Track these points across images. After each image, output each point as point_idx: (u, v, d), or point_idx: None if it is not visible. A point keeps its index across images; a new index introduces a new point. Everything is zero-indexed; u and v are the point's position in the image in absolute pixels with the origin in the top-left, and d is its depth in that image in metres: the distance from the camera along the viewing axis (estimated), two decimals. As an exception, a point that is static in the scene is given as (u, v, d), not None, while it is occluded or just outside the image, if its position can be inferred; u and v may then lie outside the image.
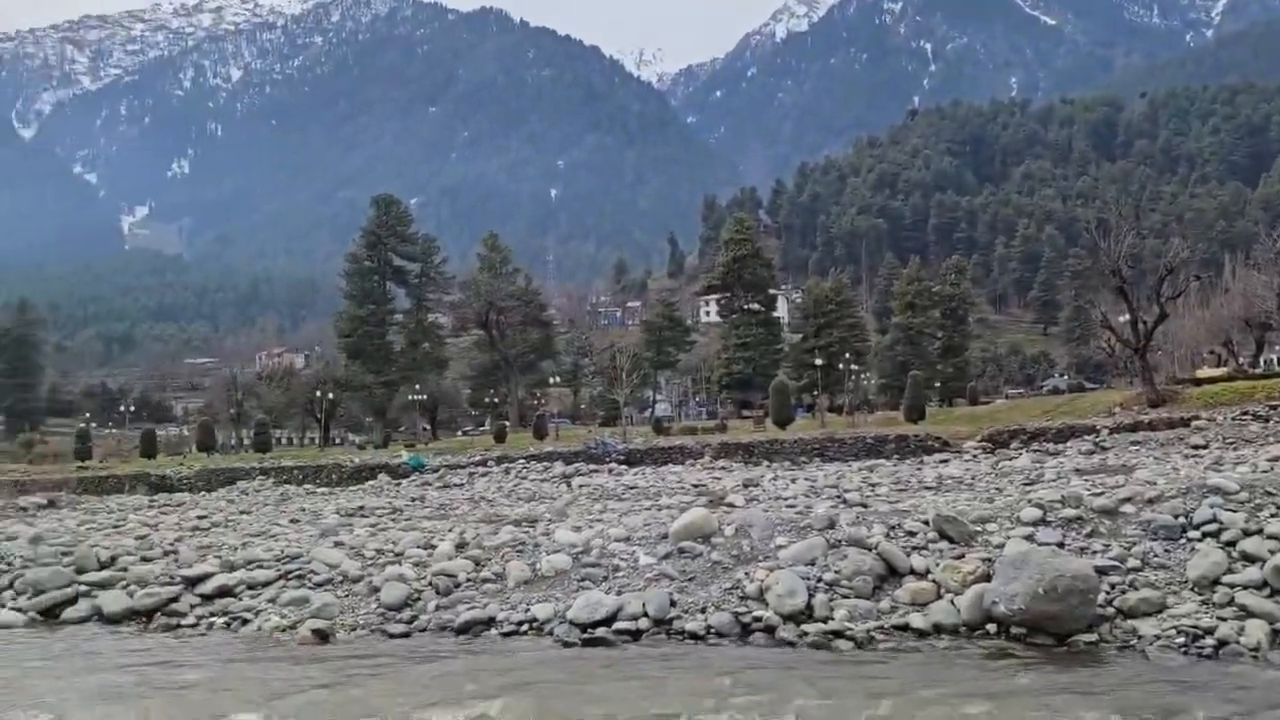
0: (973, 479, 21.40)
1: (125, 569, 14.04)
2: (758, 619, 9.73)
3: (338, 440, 68.31)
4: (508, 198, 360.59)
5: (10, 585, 13.74)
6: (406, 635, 10.50)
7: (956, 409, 54.62)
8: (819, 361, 58.19)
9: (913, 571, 10.41)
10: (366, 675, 8.79)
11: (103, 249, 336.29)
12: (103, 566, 14.23)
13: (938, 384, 69.73)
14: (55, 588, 13.28)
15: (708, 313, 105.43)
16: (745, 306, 70.66)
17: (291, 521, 20.04)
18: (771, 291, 75.77)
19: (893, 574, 10.40)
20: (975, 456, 29.02)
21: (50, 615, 12.77)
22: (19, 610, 12.89)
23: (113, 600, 12.67)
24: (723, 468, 30.81)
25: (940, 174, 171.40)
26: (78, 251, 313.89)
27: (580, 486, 26.14)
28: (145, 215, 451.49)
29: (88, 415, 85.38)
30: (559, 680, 8.24)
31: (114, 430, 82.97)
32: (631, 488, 24.72)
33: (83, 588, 13.35)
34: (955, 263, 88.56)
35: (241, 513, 23.66)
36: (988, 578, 9.72)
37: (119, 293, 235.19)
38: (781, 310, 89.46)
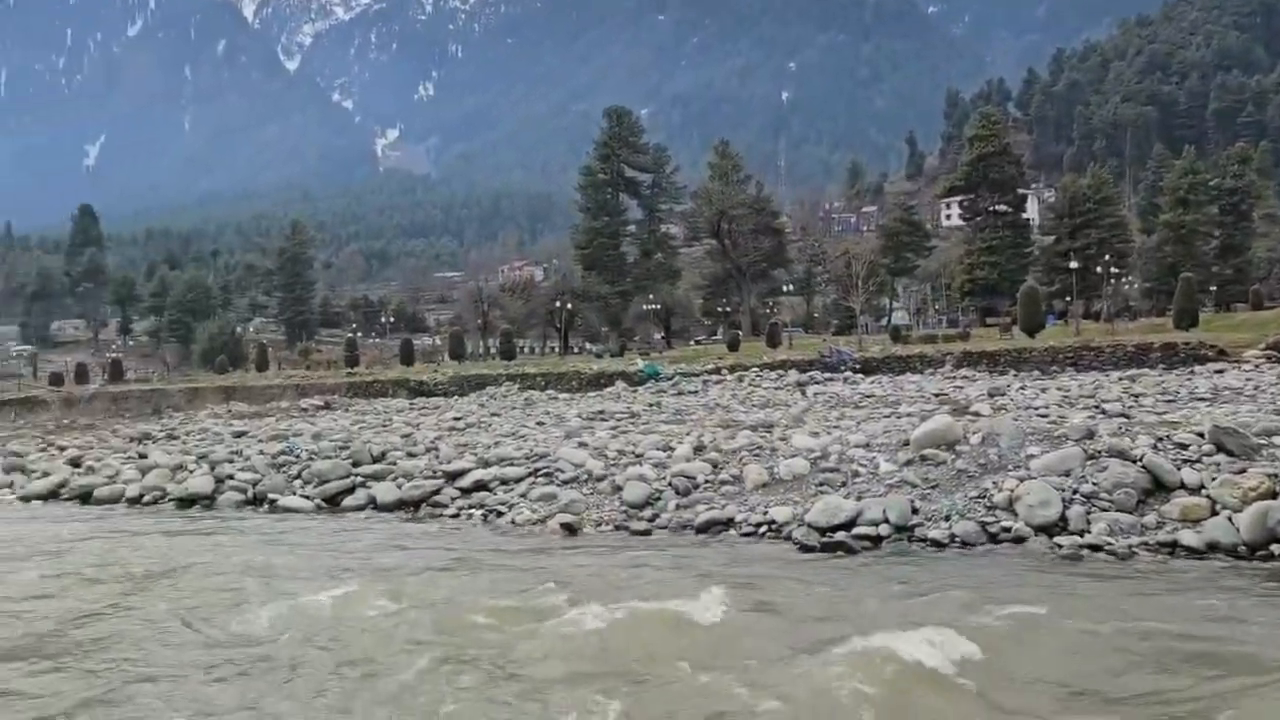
0: (1255, 390, 19.50)
1: (394, 463, 15.44)
2: (1006, 529, 9.41)
3: (576, 349, 71.16)
4: (738, 103, 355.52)
5: (299, 475, 15.46)
6: (648, 532, 10.95)
7: (1237, 314, 49.44)
8: (1074, 265, 54.14)
9: (1183, 486, 9.70)
10: (614, 566, 9.25)
11: (360, 171, 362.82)
12: (375, 461, 15.72)
13: (1213, 288, 63.30)
14: (336, 478, 14.82)
15: (949, 216, 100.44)
16: (991, 208, 66.71)
17: (538, 424, 21.18)
18: (1020, 191, 71.05)
19: (1159, 488, 9.73)
20: (1258, 366, 26.33)
21: (333, 503, 14.29)
22: (307, 498, 14.50)
23: (385, 491, 14.00)
24: (965, 377, 29.64)
25: (1223, 51, 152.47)
26: (338, 175, 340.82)
27: (815, 395, 25.99)
28: (396, 137, 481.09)
29: (354, 326, 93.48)
30: (798, 579, 8.34)
31: (376, 340, 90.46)
32: (868, 396, 24.33)
33: (358, 479, 14.82)
34: (1239, 151, 79.13)
35: (492, 415, 25.24)
36: (1274, 495, 8.89)
37: (375, 212, 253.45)
38: (1031, 211, 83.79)
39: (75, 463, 19.34)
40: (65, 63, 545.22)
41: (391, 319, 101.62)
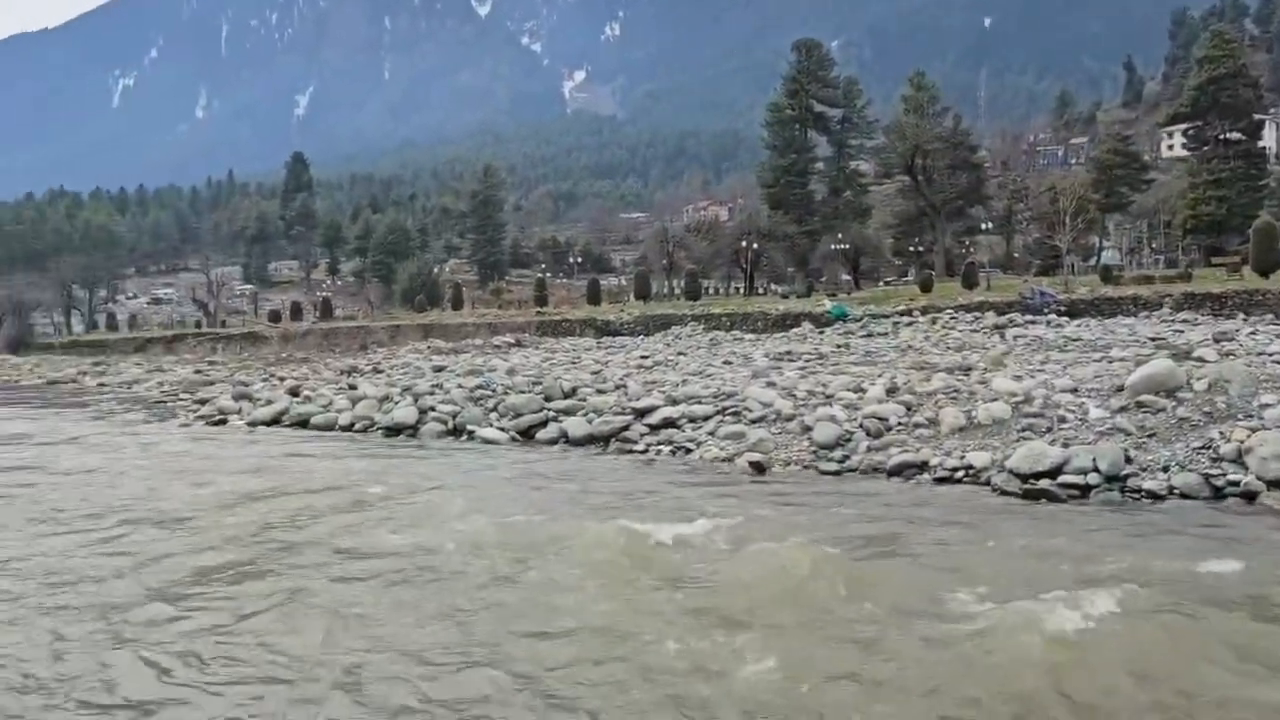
0: None
1: (584, 399, 15.88)
2: (1234, 483, 8.73)
3: (761, 290, 70.59)
4: (935, 32, 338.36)
5: (495, 409, 16.15)
6: (838, 473, 10.82)
7: None
8: (1318, 198, 48.95)
9: None
10: (803, 504, 9.21)
11: (548, 113, 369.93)
12: (566, 396, 16.22)
13: None
14: (530, 412, 15.40)
15: (1170, 147, 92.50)
16: (1221, 136, 60.83)
17: (724, 363, 21.23)
18: (1256, 117, 64.36)
19: None
20: None
21: (526, 435, 14.87)
22: (502, 430, 15.14)
23: (576, 426, 14.43)
24: (1185, 321, 27.50)
25: None
26: (528, 117, 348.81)
27: (1015, 338, 24.79)
28: (583, 79, 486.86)
29: (543, 266, 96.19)
30: (999, 525, 8.04)
31: (564, 280, 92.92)
32: (1074, 340, 23.00)
33: (550, 413, 15.34)
34: None
35: (678, 354, 25.47)
36: None
37: (563, 153, 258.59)
38: (1268, 139, 75.91)
39: (294, 392, 20.96)
40: (278, 18, 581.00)
41: (579, 259, 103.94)
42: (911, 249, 69.70)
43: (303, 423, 17.57)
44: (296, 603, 6.40)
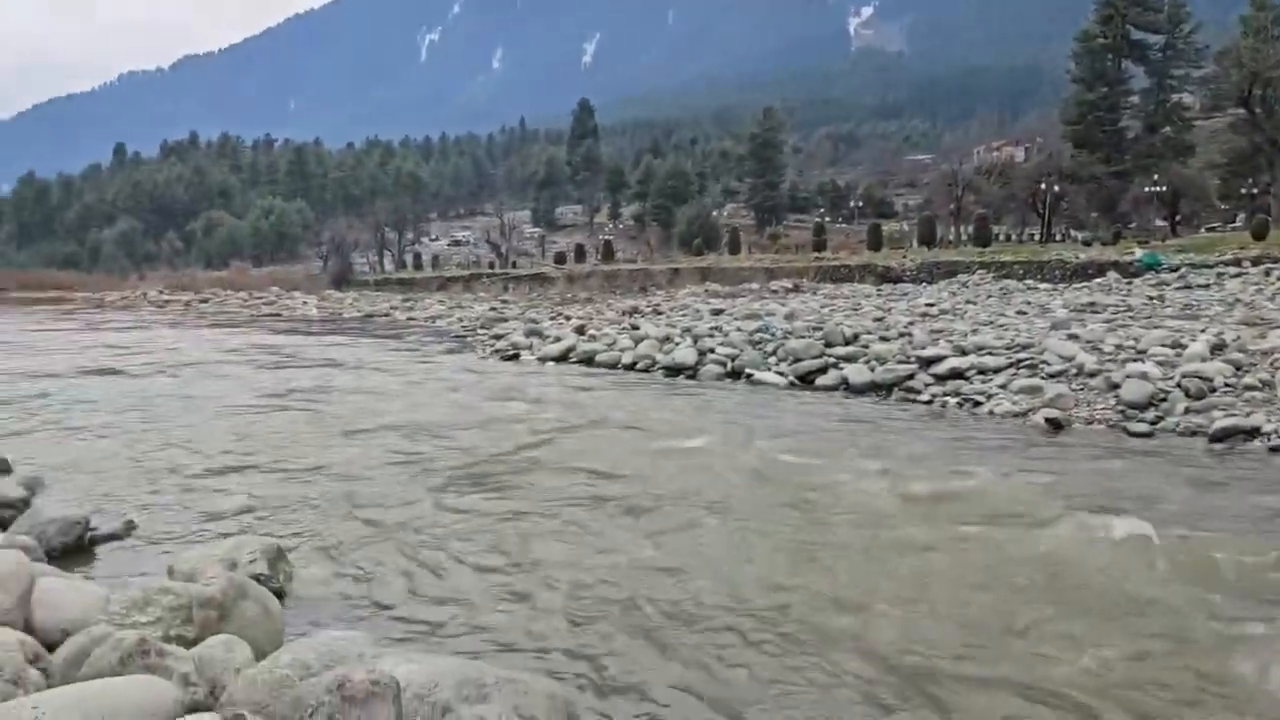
0: None
1: (866, 346, 15.58)
2: None
3: (1059, 236, 65.83)
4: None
5: (774, 353, 16.21)
6: (1148, 435, 9.98)
7: None
8: None
9: None
10: (1109, 467, 8.59)
11: (831, 53, 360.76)
12: (847, 343, 15.98)
13: None
14: (809, 357, 15.32)
15: None
16: None
17: (1018, 313, 20.07)
18: None
19: None
20: None
21: (805, 380, 14.82)
22: (781, 374, 15.18)
23: (856, 373, 14.21)
24: None
25: None
26: (809, 58, 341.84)
27: (1374, 293, 21.62)
28: (870, 15, 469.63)
29: (821, 211, 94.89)
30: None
31: (843, 224, 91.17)
32: None
33: (831, 359, 15.19)
34: None
35: (966, 303, 24.34)
36: None
37: (845, 94, 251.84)
38: None
39: (580, 331, 22.04)
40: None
41: (859, 203, 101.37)
42: (1243, 191, 62.20)
43: (588, 360, 18.47)
44: (594, 523, 6.77)
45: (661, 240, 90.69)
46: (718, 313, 24.81)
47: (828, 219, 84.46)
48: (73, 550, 6.20)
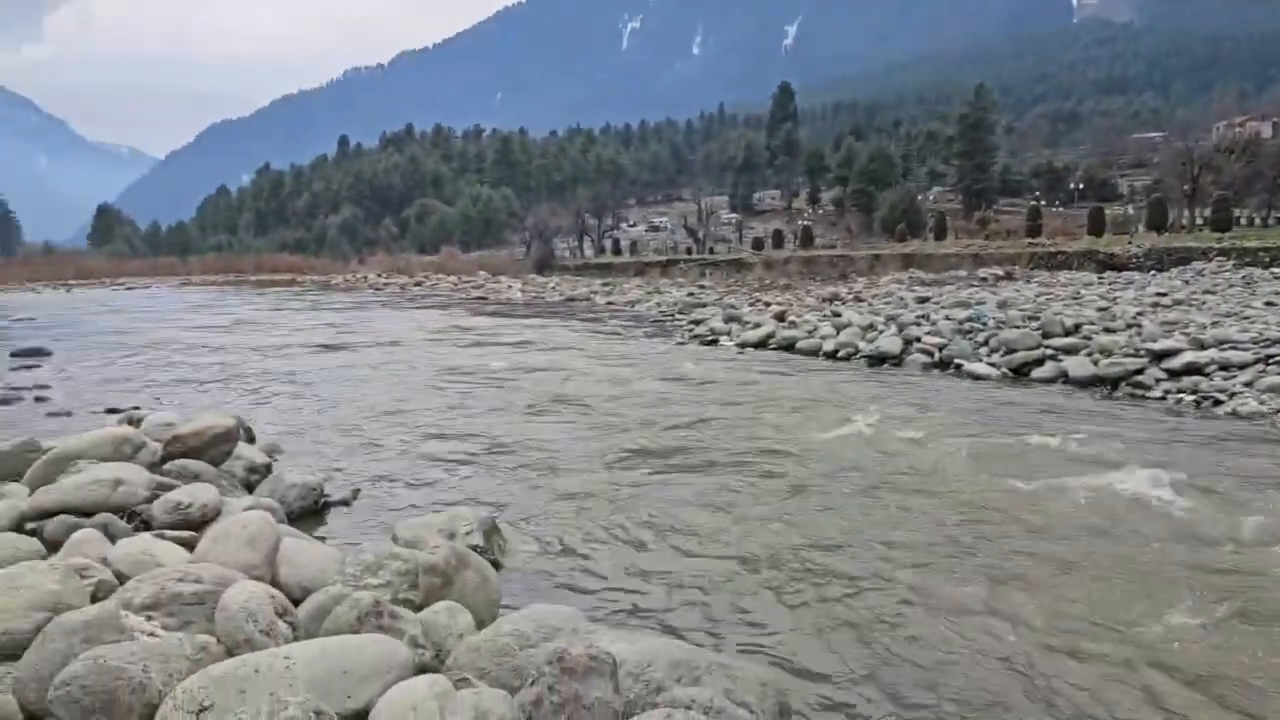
0: None
1: (1088, 338, 14.64)
2: None
3: (1312, 220, 59.70)
4: None
5: (985, 343, 15.51)
6: None
7: None
8: None
9: None
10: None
11: (1051, 25, 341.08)
12: (1067, 334, 15.07)
13: None
14: (1024, 348, 14.56)
15: None
16: None
17: (1266, 304, 18.34)
18: None
19: None
20: None
21: (1019, 373, 14.10)
22: (993, 365, 14.51)
23: (1078, 365, 13.38)
24: None
25: None
26: (1027, 31, 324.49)
27: None
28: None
29: (1036, 194, 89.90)
30: None
31: (1060, 208, 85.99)
32: None
33: (1048, 351, 14.38)
34: None
35: (1204, 293, 22.50)
36: None
37: (1065, 69, 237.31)
38: None
39: (780, 317, 21.84)
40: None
41: (1079, 186, 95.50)
42: None
43: (788, 346, 18.29)
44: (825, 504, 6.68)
45: (862, 226, 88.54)
46: (923, 301, 23.98)
47: (1043, 202, 79.88)
48: (308, 514, 6.68)
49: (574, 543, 6.18)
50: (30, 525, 5.10)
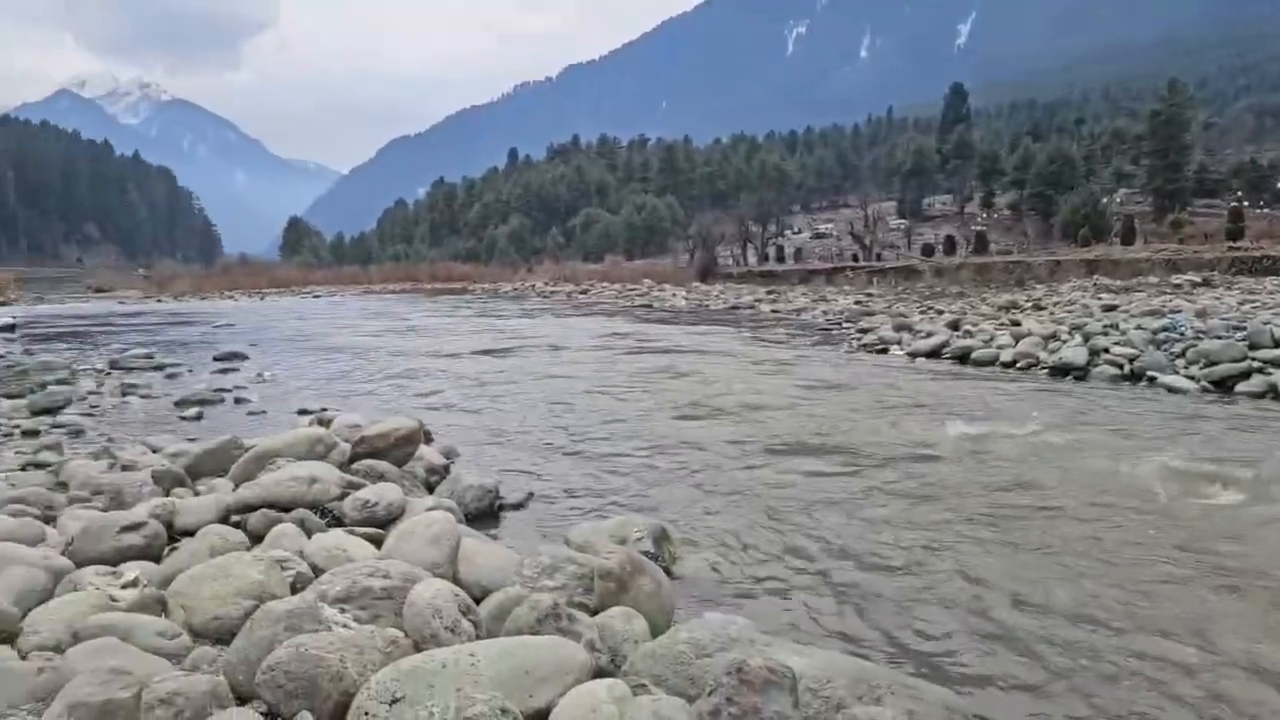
0: None
1: (1311, 350, 13.54)
2: None
3: None
4: None
5: (1182, 354, 14.55)
6: None
7: None
8: None
9: None
10: None
11: (1256, 10, 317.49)
12: (1277, 344, 13.97)
13: None
14: (1228, 360, 13.57)
15: None
16: None
17: None
18: None
19: None
20: None
21: (1221, 386, 13.16)
22: (1190, 378, 13.59)
23: (1295, 379, 12.40)
24: None
25: None
26: (1228, 19, 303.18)
27: None
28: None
29: (1238, 194, 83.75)
30: None
31: (1265, 209, 79.86)
32: None
33: (1255, 364, 13.36)
34: None
35: None
36: None
37: (1272, 58, 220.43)
38: None
39: (953, 326, 21.15)
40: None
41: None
42: None
43: (962, 356, 17.68)
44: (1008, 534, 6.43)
45: (1040, 231, 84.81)
46: (1110, 309, 22.74)
47: (1245, 204, 74.36)
48: (484, 515, 6.89)
49: (744, 552, 6.13)
50: (235, 518, 5.45)
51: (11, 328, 29.89)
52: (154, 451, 8.40)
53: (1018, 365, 16.26)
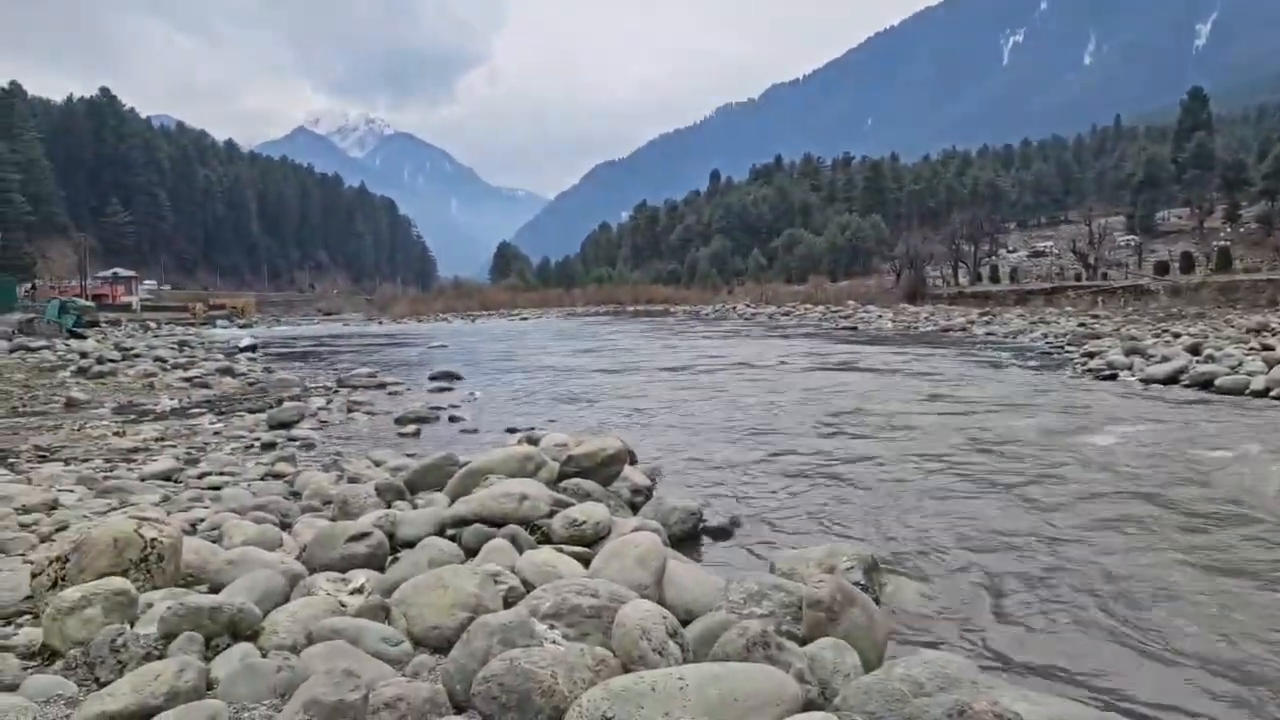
0: None
1: None
2: None
3: None
4: None
5: None
6: None
7: None
8: None
9: None
10: None
11: None
12: None
13: None
14: None
15: None
16: None
17: None
18: None
19: None
20: None
21: None
22: None
23: None
24: None
25: None
26: None
27: None
28: None
29: None
30: None
31: None
32: None
33: None
34: None
35: None
36: None
37: None
38: None
39: (1193, 350, 19.60)
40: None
41: None
42: None
43: (1204, 383, 16.32)
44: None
45: (1295, 245, 77.45)
46: (1383, 332, 20.50)
47: None
48: (687, 537, 6.91)
49: (960, 588, 5.87)
50: (450, 531, 5.71)
51: (254, 348, 32.74)
52: (377, 465, 8.95)
53: (1271, 393, 14.87)
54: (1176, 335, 24.79)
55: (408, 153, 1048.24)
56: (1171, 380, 17.12)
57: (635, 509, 7.25)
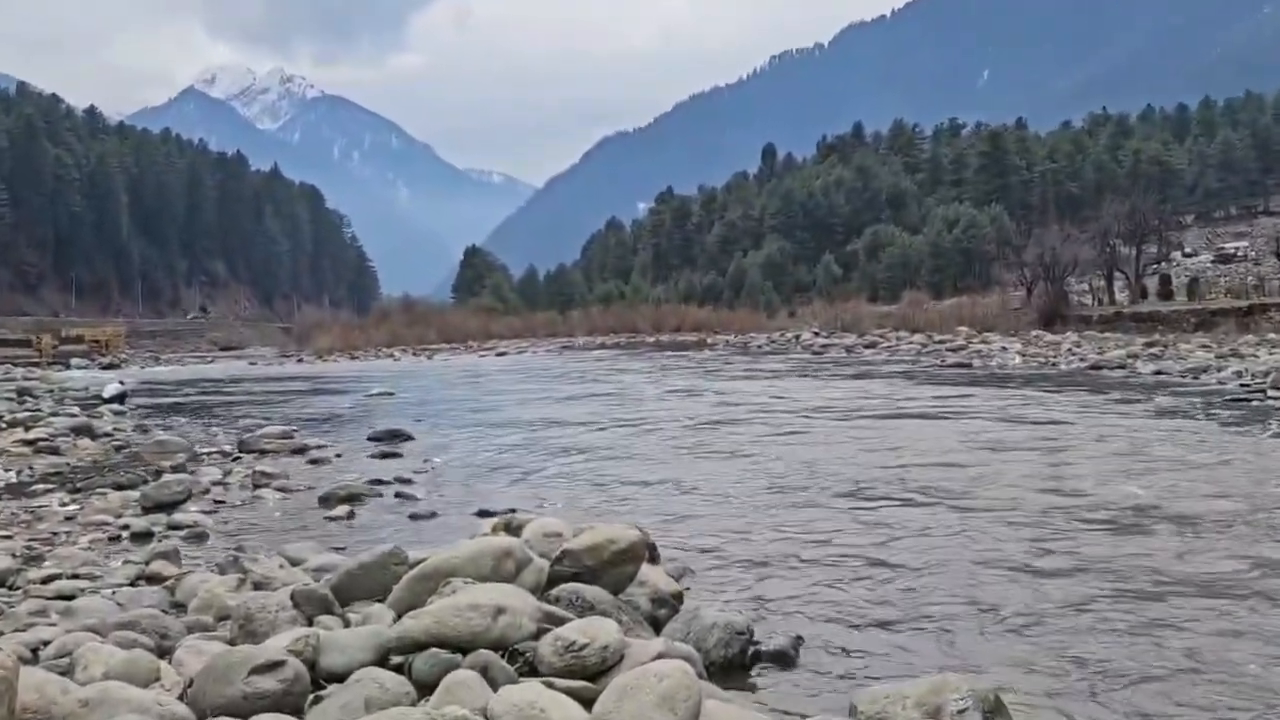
0: None
1: None
2: None
3: None
4: None
5: None
6: None
7: None
8: None
9: None
10: None
11: None
12: None
13: None
14: None
15: None
16: None
17: None
18: None
19: None
20: None
21: None
22: None
23: None
24: None
25: None
26: None
27: None
28: None
29: None
30: None
31: None
32: None
33: None
34: None
35: None
36: None
37: None
38: None
39: None
40: None
41: None
42: None
43: None
44: None
45: None
46: None
47: None
48: (733, 666, 6.87)
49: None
50: (395, 659, 5.69)
51: (122, 397, 32.94)
52: (293, 565, 8.95)
53: None
54: None
55: (339, 123, 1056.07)
56: None
57: (658, 625, 7.22)
